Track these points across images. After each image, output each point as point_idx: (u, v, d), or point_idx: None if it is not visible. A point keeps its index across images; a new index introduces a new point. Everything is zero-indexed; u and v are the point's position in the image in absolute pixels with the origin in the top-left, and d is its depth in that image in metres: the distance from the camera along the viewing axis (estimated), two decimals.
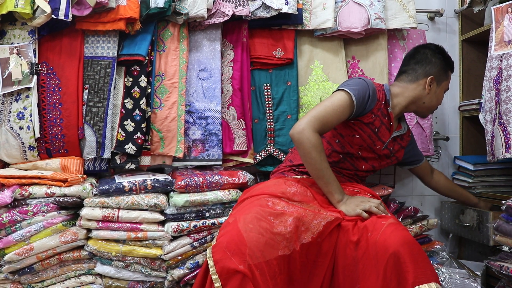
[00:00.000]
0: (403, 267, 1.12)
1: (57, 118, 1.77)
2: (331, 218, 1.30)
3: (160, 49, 1.92)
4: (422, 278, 1.09)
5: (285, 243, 1.23)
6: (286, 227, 1.25)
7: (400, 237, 1.17)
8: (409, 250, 1.14)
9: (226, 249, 1.18)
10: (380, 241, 1.18)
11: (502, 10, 1.88)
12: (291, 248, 1.23)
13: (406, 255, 1.12)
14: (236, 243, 1.19)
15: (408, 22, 2.10)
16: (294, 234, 1.25)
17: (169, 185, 1.74)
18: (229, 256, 1.16)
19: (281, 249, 1.22)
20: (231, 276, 1.14)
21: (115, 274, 1.68)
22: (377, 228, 1.22)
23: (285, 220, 1.27)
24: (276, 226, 1.25)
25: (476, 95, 2.33)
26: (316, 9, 2.02)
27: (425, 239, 1.90)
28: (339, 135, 1.62)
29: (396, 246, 1.14)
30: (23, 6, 1.63)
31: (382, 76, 2.11)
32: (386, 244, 1.16)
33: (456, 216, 2.11)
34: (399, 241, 1.15)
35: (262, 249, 1.19)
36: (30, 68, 1.74)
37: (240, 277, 1.14)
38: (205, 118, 1.95)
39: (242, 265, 1.15)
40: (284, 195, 1.39)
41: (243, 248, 1.18)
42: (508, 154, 1.80)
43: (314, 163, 1.38)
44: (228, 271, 1.14)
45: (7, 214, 1.58)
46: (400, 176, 2.39)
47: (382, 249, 1.16)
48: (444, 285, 1.77)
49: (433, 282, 1.09)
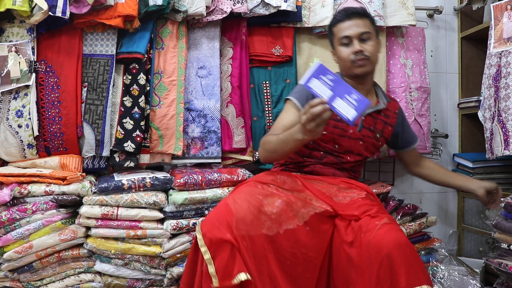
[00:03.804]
0: (396, 269, 1.12)
1: (56, 116, 1.77)
2: (320, 210, 1.30)
3: (159, 46, 1.91)
4: (414, 281, 1.10)
5: (269, 223, 1.23)
6: (273, 208, 1.27)
7: (393, 238, 1.17)
8: (402, 252, 1.14)
9: (214, 220, 1.18)
10: (374, 242, 1.18)
11: (501, 8, 1.88)
12: (274, 230, 1.23)
13: (399, 257, 1.13)
14: (224, 214, 1.19)
15: (407, 20, 2.10)
16: (280, 217, 1.25)
17: (168, 183, 1.74)
18: (217, 226, 1.16)
19: (265, 229, 1.22)
20: (220, 246, 1.13)
21: (114, 272, 1.68)
22: (370, 229, 1.22)
23: (274, 202, 1.29)
24: (264, 205, 1.27)
25: (475, 92, 2.33)
26: (315, 7, 2.02)
27: (424, 237, 1.90)
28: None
29: (389, 248, 1.14)
30: (21, 3, 1.63)
31: (380, 73, 2.10)
32: (379, 246, 1.16)
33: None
34: (393, 243, 1.15)
35: (248, 223, 1.20)
36: (29, 66, 1.73)
37: (230, 247, 1.13)
38: (204, 116, 1.95)
39: (229, 234, 1.14)
40: (274, 182, 1.40)
41: (230, 219, 1.18)
42: (507, 152, 1.80)
43: (275, 150, 1.40)
44: (217, 241, 1.14)
45: (6, 213, 1.58)
46: (399, 174, 2.39)
47: (376, 250, 1.16)
48: (443, 282, 1.77)
49: (425, 284, 1.10)
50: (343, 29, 1.53)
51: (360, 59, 1.51)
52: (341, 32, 1.54)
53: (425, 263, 1.85)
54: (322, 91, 1.20)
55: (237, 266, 1.12)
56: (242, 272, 1.11)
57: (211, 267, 1.12)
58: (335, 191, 1.42)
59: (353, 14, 1.53)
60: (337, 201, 1.37)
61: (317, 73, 1.21)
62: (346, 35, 1.52)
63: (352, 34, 1.52)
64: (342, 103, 1.19)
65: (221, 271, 1.11)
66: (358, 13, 1.54)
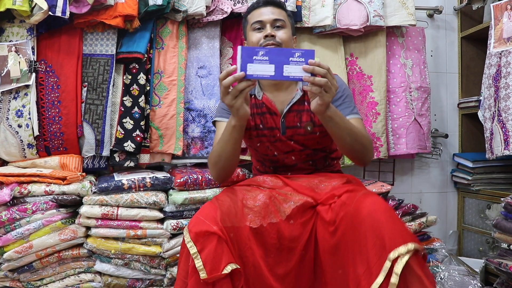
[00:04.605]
0: (378, 231, 1.07)
1: (55, 116, 1.76)
2: (301, 201, 1.29)
3: (159, 46, 1.91)
4: (399, 239, 1.04)
5: (252, 216, 1.24)
6: (255, 201, 1.28)
7: (371, 203, 1.13)
8: (383, 215, 1.09)
9: (198, 215, 1.18)
10: (353, 212, 1.15)
11: (501, 7, 1.88)
12: (258, 223, 1.23)
13: (380, 220, 1.08)
14: (209, 209, 1.19)
15: (407, 19, 2.10)
16: (262, 210, 1.26)
17: (168, 183, 1.74)
18: (202, 219, 1.15)
19: (248, 221, 1.23)
20: (207, 239, 1.12)
21: (114, 272, 1.68)
22: (349, 203, 1.19)
23: (255, 196, 1.30)
24: (246, 199, 1.28)
25: (475, 92, 2.34)
26: (315, 6, 2.02)
27: (424, 237, 1.90)
28: (251, 149, 1.61)
29: (369, 212, 1.11)
30: (21, 3, 1.63)
31: (380, 73, 2.11)
32: (359, 213, 1.13)
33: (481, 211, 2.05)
34: (372, 208, 1.12)
35: (232, 215, 1.20)
36: (29, 65, 1.73)
37: (216, 238, 1.12)
38: (204, 115, 1.95)
39: (215, 226, 1.13)
40: (254, 182, 1.42)
41: (214, 213, 1.17)
42: (507, 151, 1.81)
43: (219, 156, 1.38)
44: (204, 234, 1.12)
45: (6, 212, 1.58)
46: (399, 174, 2.39)
47: (358, 220, 1.12)
48: (443, 282, 1.77)
49: (410, 242, 1.03)
50: (257, 15, 1.46)
51: (270, 44, 1.40)
52: (254, 18, 1.47)
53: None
54: (264, 71, 1.13)
55: (226, 257, 1.11)
56: (231, 263, 1.11)
57: (198, 261, 1.10)
58: (317, 183, 1.40)
59: (269, 2, 1.48)
60: (319, 191, 1.35)
61: (247, 56, 1.12)
62: (259, 20, 1.44)
63: (265, 19, 1.44)
64: (292, 68, 1.14)
65: (209, 263, 1.09)
66: (274, 3, 1.48)
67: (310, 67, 1.13)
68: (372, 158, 1.48)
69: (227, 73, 1.15)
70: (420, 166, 2.44)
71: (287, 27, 1.47)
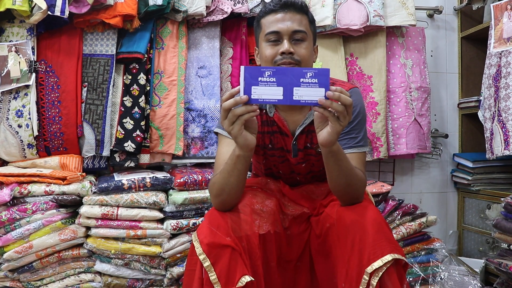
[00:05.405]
0: (360, 241, 1.07)
1: (56, 116, 1.76)
2: (298, 212, 1.29)
3: (159, 46, 1.91)
4: (377, 252, 1.04)
5: (259, 222, 1.21)
6: (263, 206, 1.24)
7: (352, 212, 1.13)
8: (363, 223, 1.09)
9: (209, 226, 1.13)
10: (336, 222, 1.15)
11: (501, 7, 1.88)
12: (265, 229, 1.20)
13: (360, 228, 1.08)
14: (219, 219, 1.14)
15: (407, 20, 2.10)
16: (271, 216, 1.23)
17: (168, 183, 1.74)
18: (214, 231, 1.10)
19: (256, 227, 1.19)
20: (220, 251, 1.08)
21: (114, 272, 1.68)
22: (331, 214, 1.19)
23: (263, 200, 1.26)
24: (254, 203, 1.23)
25: (475, 92, 2.33)
26: (315, 6, 2.02)
27: (424, 237, 1.90)
28: (256, 162, 1.49)
29: (350, 219, 1.11)
30: (21, 3, 1.63)
31: (380, 73, 2.11)
32: (341, 221, 1.13)
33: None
34: (352, 215, 1.12)
35: (242, 223, 1.16)
36: (29, 66, 1.73)
37: (230, 251, 1.08)
38: (204, 115, 1.95)
39: (229, 238, 1.09)
40: (257, 184, 1.38)
41: (225, 223, 1.12)
42: (507, 151, 1.81)
43: (222, 188, 1.19)
44: (217, 247, 1.08)
45: (6, 212, 1.58)
46: (399, 174, 2.39)
47: (342, 229, 1.12)
48: (443, 282, 1.77)
49: (388, 254, 1.03)
50: (273, 22, 1.21)
51: (287, 63, 1.18)
52: (269, 26, 1.21)
53: (425, 263, 1.85)
54: (271, 95, 0.98)
55: (240, 269, 1.09)
56: (245, 275, 1.09)
57: (212, 274, 1.08)
58: (313, 188, 1.39)
59: (289, 5, 1.21)
60: (315, 197, 1.35)
61: (251, 78, 0.97)
62: (275, 31, 1.20)
63: (283, 30, 1.19)
64: (304, 90, 0.97)
65: (223, 277, 1.07)
66: (295, 6, 1.22)
67: (335, 94, 0.96)
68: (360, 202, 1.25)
69: (230, 95, 0.99)
70: (420, 166, 2.44)
71: (308, 40, 1.23)
